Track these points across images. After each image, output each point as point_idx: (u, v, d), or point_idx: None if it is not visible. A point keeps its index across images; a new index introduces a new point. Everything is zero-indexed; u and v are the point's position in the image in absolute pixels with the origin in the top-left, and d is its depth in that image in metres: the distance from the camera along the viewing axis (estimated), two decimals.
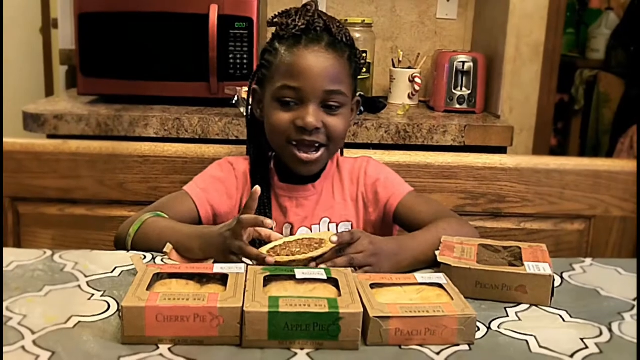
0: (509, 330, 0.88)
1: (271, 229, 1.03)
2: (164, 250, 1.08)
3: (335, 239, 1.00)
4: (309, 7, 1.24)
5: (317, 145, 1.23)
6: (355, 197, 1.32)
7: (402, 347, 0.81)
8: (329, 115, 1.22)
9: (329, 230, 1.28)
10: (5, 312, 0.87)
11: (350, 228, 1.29)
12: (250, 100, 1.32)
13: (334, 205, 1.30)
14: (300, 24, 1.21)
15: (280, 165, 1.30)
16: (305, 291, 0.87)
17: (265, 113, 1.27)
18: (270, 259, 0.97)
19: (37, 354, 0.77)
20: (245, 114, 1.36)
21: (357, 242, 1.03)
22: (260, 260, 0.98)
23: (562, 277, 1.07)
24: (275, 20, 1.25)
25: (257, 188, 1.06)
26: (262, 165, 1.32)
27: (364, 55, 2.25)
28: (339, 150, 1.41)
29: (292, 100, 1.21)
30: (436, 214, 1.24)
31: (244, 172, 1.33)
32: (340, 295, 0.84)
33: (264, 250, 1.01)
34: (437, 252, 1.03)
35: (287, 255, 0.99)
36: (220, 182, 1.31)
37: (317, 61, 1.20)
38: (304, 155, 1.22)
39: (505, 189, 1.54)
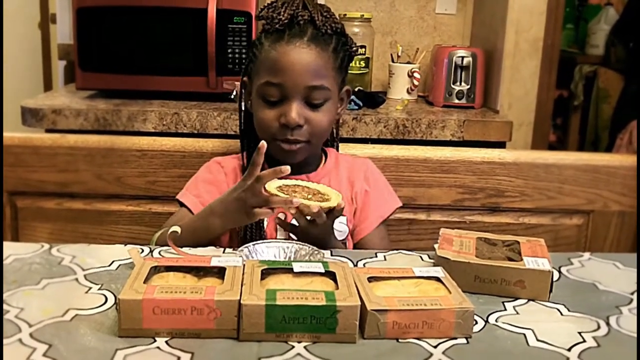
0: (507, 323, 0.88)
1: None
2: (172, 230, 1.07)
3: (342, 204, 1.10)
4: None
5: (299, 141, 1.24)
6: (350, 198, 1.33)
7: (400, 340, 0.81)
8: (312, 110, 1.23)
9: None
10: (3, 305, 0.87)
11: (344, 222, 1.30)
12: (242, 91, 1.34)
13: None
14: (284, 17, 1.21)
15: (272, 157, 1.31)
16: (302, 284, 0.86)
17: (252, 108, 1.29)
18: (297, 200, 1.06)
19: (34, 346, 0.77)
20: (238, 106, 1.37)
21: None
22: (289, 204, 1.06)
23: (560, 271, 1.07)
24: (262, 14, 1.25)
25: (263, 143, 1.10)
26: None
27: (363, 50, 2.26)
28: (335, 146, 1.41)
29: (275, 97, 1.22)
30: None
31: (234, 168, 1.34)
32: (337, 288, 0.84)
33: (270, 189, 1.08)
34: (436, 246, 1.03)
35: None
36: (210, 183, 1.33)
37: (298, 57, 1.20)
38: (286, 146, 1.25)
39: (504, 183, 1.54)
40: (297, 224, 1.16)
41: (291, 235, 1.27)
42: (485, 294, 0.96)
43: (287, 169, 1.07)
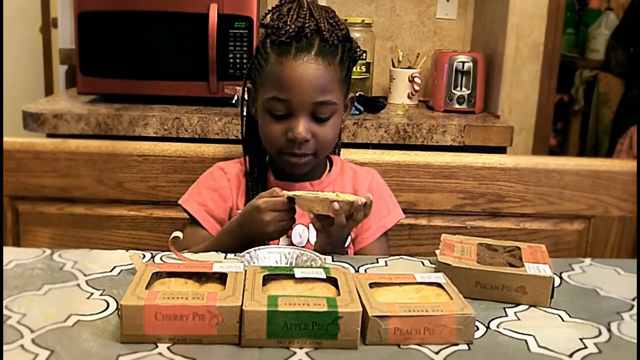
0: (508, 329, 0.88)
1: None
2: (174, 236, 1.08)
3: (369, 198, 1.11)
4: (302, 3, 1.23)
5: (306, 154, 1.25)
6: None
7: (401, 346, 0.81)
8: (318, 125, 1.23)
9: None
10: (5, 311, 0.87)
11: None
12: (245, 97, 1.34)
13: None
14: (291, 29, 1.19)
15: (276, 164, 1.32)
16: (304, 290, 0.86)
17: (258, 119, 1.29)
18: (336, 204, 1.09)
19: (36, 352, 0.77)
20: (240, 111, 1.37)
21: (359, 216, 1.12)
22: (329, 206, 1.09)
23: (561, 277, 1.07)
24: (267, 22, 1.24)
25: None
26: (259, 163, 1.34)
27: (363, 55, 2.27)
28: (337, 151, 1.42)
29: (282, 112, 1.22)
30: None
31: (236, 174, 1.35)
32: (339, 294, 0.85)
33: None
34: (437, 251, 1.03)
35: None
36: (214, 190, 1.33)
37: (306, 73, 1.19)
38: (293, 160, 1.25)
39: (505, 188, 1.54)
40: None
41: (293, 241, 1.27)
42: (486, 299, 0.96)
43: (278, 191, 1.14)
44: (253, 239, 1.17)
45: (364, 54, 2.29)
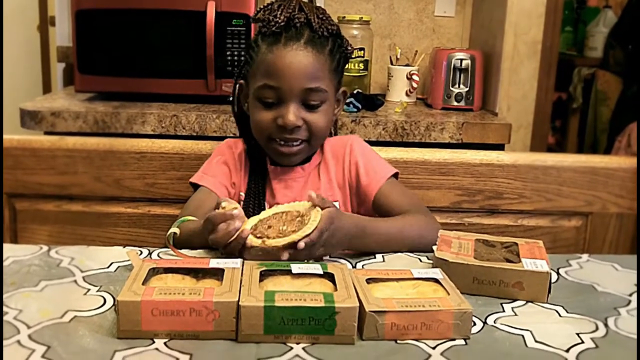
0: (505, 325, 0.88)
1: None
2: (171, 232, 1.08)
3: (314, 196, 1.05)
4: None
5: (298, 140, 1.25)
6: (342, 180, 1.33)
7: (398, 341, 0.81)
8: (309, 112, 1.24)
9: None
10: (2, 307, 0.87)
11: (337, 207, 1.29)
12: (238, 94, 1.35)
13: (319, 187, 1.32)
14: (280, 20, 1.21)
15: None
16: (301, 286, 0.87)
17: (249, 109, 1.30)
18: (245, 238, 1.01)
19: (33, 348, 0.77)
20: (232, 107, 1.39)
21: (323, 232, 1.03)
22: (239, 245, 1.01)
23: (558, 273, 1.08)
24: (258, 16, 1.26)
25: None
26: (256, 152, 1.34)
27: (361, 52, 2.27)
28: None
29: (273, 99, 1.23)
30: (409, 207, 1.28)
31: (240, 153, 1.36)
32: (336, 289, 0.85)
33: (247, 226, 1.02)
34: (434, 247, 1.04)
35: (260, 237, 1.01)
36: (224, 164, 1.34)
37: (295, 60, 1.21)
38: (284, 149, 1.26)
39: (503, 185, 1.54)
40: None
41: None
42: (483, 295, 0.97)
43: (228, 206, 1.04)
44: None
45: (362, 52, 2.29)
